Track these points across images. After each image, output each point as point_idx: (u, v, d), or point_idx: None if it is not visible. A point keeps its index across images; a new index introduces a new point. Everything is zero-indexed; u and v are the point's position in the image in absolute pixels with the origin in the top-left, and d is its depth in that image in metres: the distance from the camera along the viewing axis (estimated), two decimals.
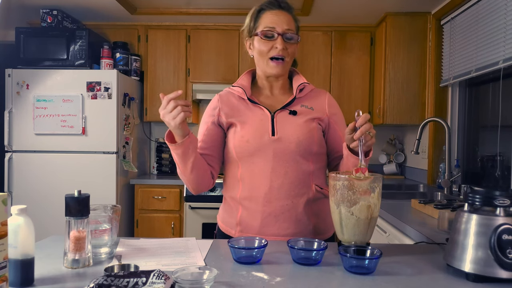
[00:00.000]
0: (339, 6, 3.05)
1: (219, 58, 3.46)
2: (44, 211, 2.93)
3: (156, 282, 0.79)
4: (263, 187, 1.28)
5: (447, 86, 2.93)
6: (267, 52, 1.29)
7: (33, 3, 3.07)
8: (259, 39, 1.29)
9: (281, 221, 1.29)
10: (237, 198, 1.33)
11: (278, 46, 1.27)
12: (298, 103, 1.34)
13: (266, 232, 1.29)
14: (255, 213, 1.30)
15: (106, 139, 2.98)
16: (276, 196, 1.28)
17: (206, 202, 3.09)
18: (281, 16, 1.29)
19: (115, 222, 1.14)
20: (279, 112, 1.32)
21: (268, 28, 1.27)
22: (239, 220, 1.33)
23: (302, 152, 1.28)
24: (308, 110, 1.33)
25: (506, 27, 2.16)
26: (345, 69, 3.44)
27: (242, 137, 1.29)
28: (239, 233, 1.33)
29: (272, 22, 1.28)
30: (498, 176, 2.34)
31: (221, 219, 1.42)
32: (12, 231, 0.85)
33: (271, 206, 1.28)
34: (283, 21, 1.28)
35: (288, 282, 0.90)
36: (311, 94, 1.38)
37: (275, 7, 1.30)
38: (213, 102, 1.39)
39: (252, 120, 1.31)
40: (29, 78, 2.98)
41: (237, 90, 1.37)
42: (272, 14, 1.29)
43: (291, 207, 1.29)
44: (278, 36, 1.27)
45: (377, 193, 1.07)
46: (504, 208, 0.91)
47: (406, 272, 0.98)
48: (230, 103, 1.36)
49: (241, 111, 1.33)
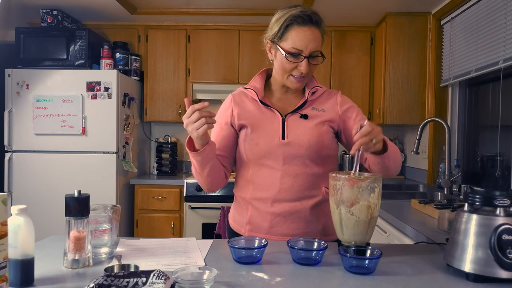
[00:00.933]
0: (339, 6, 3.05)
1: (219, 58, 3.46)
2: (44, 211, 2.93)
3: (156, 282, 0.79)
4: (272, 189, 1.29)
5: (447, 86, 2.92)
6: (290, 70, 1.27)
7: (33, 3, 3.07)
8: (283, 55, 1.25)
9: (290, 221, 1.29)
10: (247, 198, 1.34)
11: (302, 69, 1.24)
12: (309, 105, 1.33)
13: (275, 232, 1.30)
14: (264, 213, 1.31)
15: (106, 139, 2.98)
16: (285, 198, 1.29)
17: (206, 202, 3.09)
18: (310, 35, 1.22)
19: (115, 222, 1.14)
20: (290, 116, 1.31)
21: (296, 50, 1.23)
22: (249, 219, 1.34)
23: (312, 155, 1.28)
24: (319, 113, 1.32)
25: (506, 27, 2.16)
26: (345, 69, 3.44)
27: (252, 140, 1.30)
28: (249, 232, 1.34)
29: (300, 43, 1.22)
30: (498, 176, 2.34)
31: (232, 217, 1.43)
32: (12, 231, 0.85)
33: (280, 207, 1.29)
34: (312, 41, 1.22)
35: (288, 282, 0.90)
36: (323, 96, 1.37)
37: (305, 23, 1.22)
38: (226, 103, 1.38)
39: (263, 123, 1.31)
40: (29, 78, 2.98)
41: (249, 91, 1.36)
42: (302, 33, 1.22)
43: (300, 208, 1.29)
44: (304, 58, 1.23)
45: (377, 193, 1.07)
46: (504, 208, 0.91)
47: (406, 272, 0.98)
48: (243, 104, 1.35)
49: (252, 113, 1.33)
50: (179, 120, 3.47)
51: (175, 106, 3.47)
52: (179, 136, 3.81)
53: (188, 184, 3.12)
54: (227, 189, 3.03)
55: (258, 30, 3.44)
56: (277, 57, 1.30)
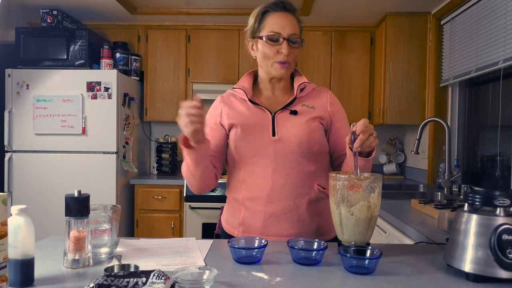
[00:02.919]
0: (339, 6, 3.05)
1: (219, 58, 3.46)
2: (44, 211, 2.93)
3: (156, 282, 0.79)
4: (265, 188, 1.28)
5: (447, 86, 2.92)
6: (273, 56, 1.28)
7: (33, 3, 3.07)
8: (264, 42, 1.29)
9: (283, 221, 1.29)
10: (240, 199, 1.33)
11: (283, 51, 1.26)
12: (299, 102, 1.34)
13: (268, 233, 1.29)
14: (257, 213, 1.30)
15: (106, 139, 2.98)
16: (278, 197, 1.28)
17: (206, 202, 3.09)
18: (286, 19, 1.28)
19: (115, 222, 1.14)
20: (279, 113, 1.31)
21: (274, 33, 1.27)
22: (242, 220, 1.33)
23: (304, 152, 1.28)
24: (309, 110, 1.32)
25: (506, 27, 2.16)
26: (345, 69, 3.44)
27: (243, 138, 1.30)
28: (242, 234, 1.33)
29: (277, 27, 1.27)
30: (498, 176, 2.34)
31: (225, 219, 1.43)
32: (12, 231, 0.85)
33: (273, 206, 1.28)
34: (288, 24, 1.27)
35: (288, 282, 0.90)
36: (312, 93, 1.37)
37: (280, 9, 1.29)
38: (215, 104, 1.40)
39: (252, 121, 1.31)
40: (29, 78, 2.98)
41: (238, 91, 1.37)
42: (278, 17, 1.28)
43: (293, 207, 1.28)
44: (284, 40, 1.26)
45: (377, 193, 1.06)
46: (504, 208, 0.91)
47: (406, 272, 0.98)
48: (232, 104, 1.36)
49: (242, 112, 1.34)
50: None
51: (175, 106, 3.47)
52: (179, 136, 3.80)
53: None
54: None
55: None
56: (258, 48, 1.32)
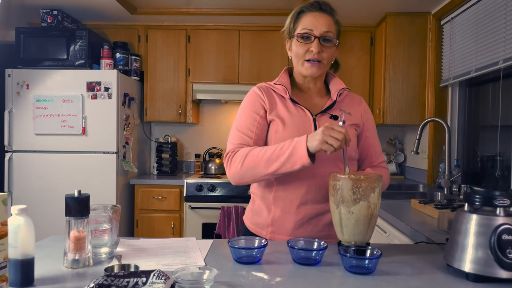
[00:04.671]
0: (339, 6, 2.98)
1: (219, 58, 3.46)
2: (44, 211, 2.93)
3: (156, 282, 0.79)
4: (300, 189, 1.26)
5: (447, 86, 2.92)
6: (303, 54, 1.27)
7: (33, 3, 3.07)
8: (296, 41, 1.28)
9: (314, 223, 1.28)
10: (270, 198, 1.30)
11: (313, 49, 1.24)
12: (337, 107, 1.32)
13: (300, 234, 1.26)
14: (288, 214, 1.27)
15: (106, 139, 2.98)
16: (313, 199, 1.26)
17: (206, 202, 3.09)
18: (320, 18, 1.26)
19: (115, 222, 1.14)
20: (320, 116, 1.29)
21: (305, 30, 1.25)
22: (272, 221, 1.30)
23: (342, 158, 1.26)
24: (347, 116, 1.31)
25: (506, 27, 2.16)
26: (345, 69, 3.43)
27: (285, 138, 1.24)
28: (271, 234, 1.30)
29: (310, 24, 1.25)
30: (498, 176, 2.34)
31: (249, 219, 1.38)
32: (12, 231, 0.85)
33: (306, 208, 1.27)
34: (322, 23, 1.25)
35: (288, 282, 0.90)
36: (347, 99, 1.37)
37: (315, 9, 1.27)
38: (255, 94, 1.33)
39: (294, 121, 1.28)
40: (29, 78, 2.98)
41: (278, 87, 1.33)
42: (312, 16, 1.27)
43: (325, 210, 1.27)
44: (315, 39, 1.24)
45: (377, 193, 1.07)
46: (504, 208, 0.91)
47: (406, 272, 0.98)
48: (272, 98, 1.32)
49: (282, 109, 1.30)
50: (179, 120, 3.47)
51: (175, 106, 3.47)
52: (179, 136, 3.81)
53: (188, 184, 3.12)
54: (227, 189, 3.03)
55: (258, 30, 3.44)
56: (292, 48, 1.31)
